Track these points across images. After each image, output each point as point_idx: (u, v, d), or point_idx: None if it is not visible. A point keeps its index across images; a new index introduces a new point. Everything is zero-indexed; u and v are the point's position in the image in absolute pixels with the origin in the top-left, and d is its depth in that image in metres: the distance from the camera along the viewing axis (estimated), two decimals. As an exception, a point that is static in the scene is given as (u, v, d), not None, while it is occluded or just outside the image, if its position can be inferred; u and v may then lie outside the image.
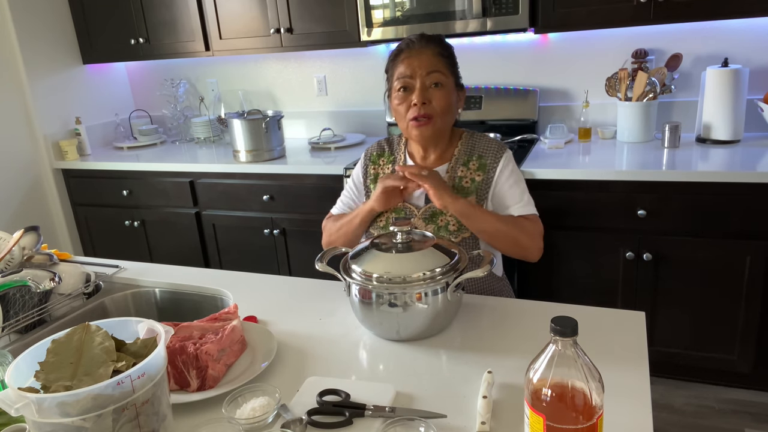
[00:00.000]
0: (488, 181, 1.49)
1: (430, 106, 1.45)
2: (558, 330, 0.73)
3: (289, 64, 3.25)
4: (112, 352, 0.86)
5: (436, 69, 1.45)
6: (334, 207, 1.71)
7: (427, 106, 1.45)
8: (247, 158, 2.80)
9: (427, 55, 1.45)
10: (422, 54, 1.45)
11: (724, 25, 2.42)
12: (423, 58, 1.45)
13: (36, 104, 3.13)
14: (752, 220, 2.02)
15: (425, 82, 1.45)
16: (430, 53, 1.46)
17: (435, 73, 1.45)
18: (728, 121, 2.29)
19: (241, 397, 0.99)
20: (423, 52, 1.46)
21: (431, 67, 1.45)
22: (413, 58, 1.45)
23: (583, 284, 2.32)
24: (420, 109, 1.44)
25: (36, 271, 1.34)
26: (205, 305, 1.52)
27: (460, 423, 0.92)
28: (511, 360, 1.09)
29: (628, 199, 2.15)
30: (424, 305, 1.13)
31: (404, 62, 1.46)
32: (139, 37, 3.13)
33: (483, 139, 1.55)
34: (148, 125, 3.56)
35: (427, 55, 1.45)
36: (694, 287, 2.17)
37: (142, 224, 3.12)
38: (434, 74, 1.45)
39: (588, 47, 2.65)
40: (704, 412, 2.18)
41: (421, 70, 1.44)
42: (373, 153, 1.65)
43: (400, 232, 1.22)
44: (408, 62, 1.46)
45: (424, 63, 1.45)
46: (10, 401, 0.76)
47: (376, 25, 2.58)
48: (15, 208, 3.13)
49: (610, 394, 0.88)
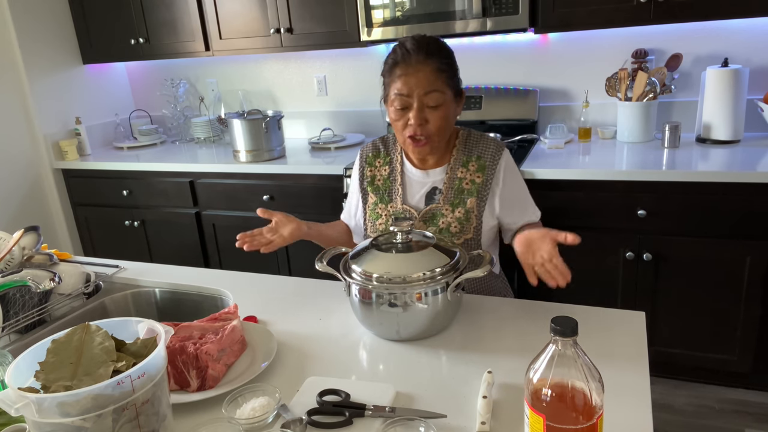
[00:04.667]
0: (488, 182, 1.49)
1: (426, 127, 1.42)
2: (558, 330, 0.73)
3: (289, 64, 3.25)
4: (112, 352, 0.86)
5: (434, 88, 1.39)
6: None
7: (424, 127, 1.42)
8: (247, 158, 2.80)
9: (425, 73, 1.39)
10: (419, 72, 1.39)
11: (724, 25, 2.42)
12: (420, 76, 1.39)
13: (36, 104, 3.13)
14: (752, 220, 2.02)
15: (422, 101, 1.40)
16: (428, 70, 1.39)
17: (433, 93, 1.39)
18: (728, 121, 2.29)
19: (241, 397, 0.99)
20: (420, 69, 1.39)
21: (429, 86, 1.39)
22: (410, 76, 1.39)
23: (583, 284, 2.31)
24: (417, 129, 1.42)
25: (36, 271, 1.34)
26: (205, 305, 1.53)
27: (460, 423, 0.92)
28: (511, 360, 1.09)
29: (628, 199, 2.15)
30: (424, 305, 1.13)
31: (401, 79, 1.40)
32: (139, 37, 3.13)
33: (480, 139, 1.54)
34: (148, 125, 3.56)
35: (425, 73, 1.39)
36: (694, 287, 2.17)
37: (142, 224, 3.12)
38: (432, 94, 1.39)
39: (588, 47, 2.65)
40: (704, 412, 2.18)
41: (418, 89, 1.39)
42: (368, 154, 1.62)
43: (400, 232, 1.22)
44: (405, 80, 1.39)
45: (422, 82, 1.39)
46: (10, 401, 0.76)
47: (376, 25, 2.58)
48: (15, 208, 3.13)
49: (610, 394, 0.88)
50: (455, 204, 1.48)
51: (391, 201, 1.55)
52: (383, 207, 1.55)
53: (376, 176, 1.59)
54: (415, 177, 1.55)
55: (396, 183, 1.55)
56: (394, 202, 1.54)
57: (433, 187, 1.52)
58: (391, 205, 1.54)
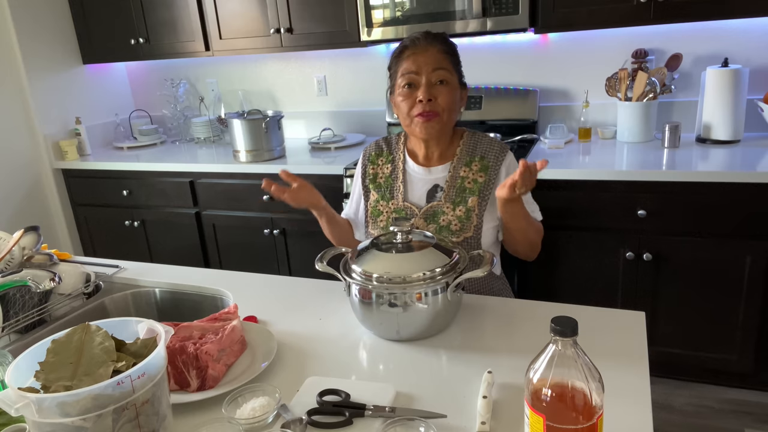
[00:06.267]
0: (490, 182, 1.50)
1: (435, 102, 1.46)
2: (558, 330, 0.73)
3: (289, 64, 3.25)
4: (112, 352, 0.86)
5: (442, 66, 1.45)
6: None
7: (433, 103, 1.45)
8: (247, 158, 2.80)
9: (433, 53, 1.45)
10: (427, 51, 1.45)
11: (724, 25, 2.42)
12: (428, 54, 1.45)
13: (36, 104, 3.13)
14: (752, 220, 2.02)
15: (431, 78, 1.45)
16: (435, 50, 1.46)
17: (440, 70, 1.45)
18: (728, 121, 2.29)
19: (241, 397, 0.99)
20: (428, 49, 1.46)
21: (437, 64, 1.45)
22: (419, 55, 1.45)
23: (583, 284, 2.32)
24: (426, 106, 1.45)
25: (36, 271, 1.34)
26: (205, 305, 1.52)
27: (460, 423, 0.92)
28: (511, 360, 1.09)
29: (628, 199, 2.15)
30: (424, 305, 1.13)
31: (409, 59, 1.46)
32: (139, 37, 3.13)
33: (484, 140, 1.55)
34: (148, 125, 3.56)
35: (432, 52, 1.45)
36: (694, 287, 2.17)
37: (142, 224, 3.12)
38: (439, 71, 1.45)
39: (588, 47, 2.65)
40: (704, 412, 2.18)
41: (426, 67, 1.45)
42: (371, 153, 1.65)
43: (400, 232, 1.22)
44: (414, 59, 1.46)
45: (430, 60, 1.45)
46: (10, 401, 0.76)
47: (376, 25, 2.58)
48: (15, 208, 3.13)
49: (610, 394, 0.88)
50: (456, 202, 1.49)
51: (392, 198, 1.56)
52: (384, 204, 1.56)
53: (378, 174, 1.60)
54: (417, 174, 1.56)
55: (398, 180, 1.56)
56: (395, 199, 1.55)
57: (435, 185, 1.53)
58: (393, 202, 1.55)
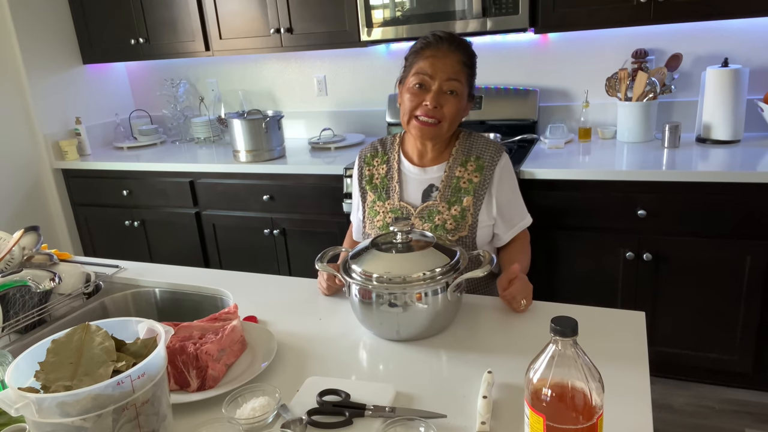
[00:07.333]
0: (485, 183, 1.50)
1: (440, 110, 1.46)
2: (558, 330, 0.73)
3: (289, 64, 3.25)
4: (112, 352, 0.86)
5: (457, 78, 1.45)
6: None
7: (438, 111, 1.45)
8: (247, 158, 2.80)
9: (452, 61, 1.44)
10: (447, 57, 1.45)
11: (724, 25, 2.42)
12: (447, 62, 1.44)
13: (36, 104, 3.13)
14: (752, 220, 2.02)
15: (443, 86, 1.45)
16: (455, 59, 1.45)
17: (454, 81, 1.45)
18: (728, 121, 2.29)
19: (241, 397, 1.00)
20: (449, 55, 1.45)
21: (452, 74, 1.44)
22: (438, 59, 1.45)
23: (583, 284, 2.32)
24: (430, 111, 1.45)
25: (36, 271, 1.34)
26: (205, 305, 1.52)
27: (460, 423, 0.92)
28: (511, 360, 1.09)
29: (628, 199, 2.15)
30: (424, 305, 1.13)
31: (428, 60, 1.45)
32: (139, 37, 3.13)
33: (480, 140, 1.56)
34: (148, 125, 3.56)
35: (451, 61, 1.44)
36: (694, 287, 2.17)
37: (142, 224, 3.12)
38: (453, 82, 1.45)
39: (588, 47, 2.65)
40: (704, 412, 2.18)
41: (442, 74, 1.44)
42: (367, 155, 1.66)
43: (400, 232, 1.22)
44: (432, 61, 1.45)
45: (447, 68, 1.44)
46: (10, 401, 0.76)
47: (376, 25, 2.58)
48: (15, 208, 3.13)
49: (610, 394, 0.88)
50: (452, 202, 1.49)
51: (388, 198, 1.56)
52: (381, 204, 1.57)
53: (374, 175, 1.61)
54: (412, 174, 1.56)
55: (393, 180, 1.57)
56: (391, 199, 1.56)
57: (430, 185, 1.54)
58: (389, 202, 1.55)
